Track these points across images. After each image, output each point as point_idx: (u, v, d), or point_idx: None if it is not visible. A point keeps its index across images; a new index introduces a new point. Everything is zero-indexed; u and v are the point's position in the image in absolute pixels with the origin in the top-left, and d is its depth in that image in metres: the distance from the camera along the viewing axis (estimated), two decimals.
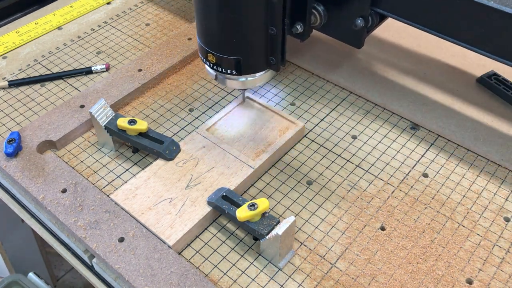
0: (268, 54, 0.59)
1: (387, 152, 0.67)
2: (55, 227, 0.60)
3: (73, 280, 1.39)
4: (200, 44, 0.60)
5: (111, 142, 0.65)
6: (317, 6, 0.64)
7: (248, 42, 0.57)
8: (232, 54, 0.58)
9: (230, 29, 0.56)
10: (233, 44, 0.57)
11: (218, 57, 0.58)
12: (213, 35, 0.57)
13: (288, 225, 0.52)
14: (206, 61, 0.61)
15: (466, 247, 0.57)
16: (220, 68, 0.60)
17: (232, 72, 0.59)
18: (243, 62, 0.58)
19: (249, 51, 0.58)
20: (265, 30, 0.57)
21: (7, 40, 0.83)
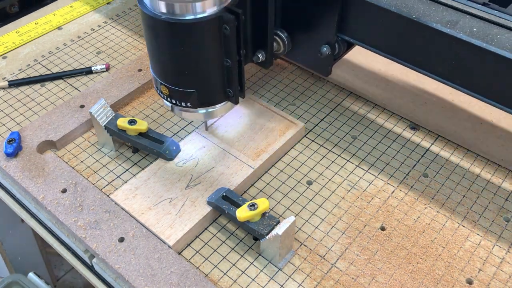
0: (225, 86, 0.57)
1: (387, 152, 0.67)
2: (55, 227, 0.60)
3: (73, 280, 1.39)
4: (153, 75, 0.57)
5: (111, 142, 0.65)
6: (280, 33, 0.62)
7: (202, 75, 0.54)
8: (186, 86, 0.55)
9: (182, 62, 0.53)
10: (186, 76, 0.54)
11: (172, 90, 0.56)
12: (165, 67, 0.54)
13: (288, 225, 0.52)
14: (159, 93, 0.58)
15: (466, 247, 0.57)
16: (174, 100, 0.57)
17: (187, 104, 0.57)
18: (198, 95, 0.56)
19: (203, 83, 0.55)
20: (219, 62, 0.54)
21: (7, 40, 0.83)
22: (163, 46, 0.53)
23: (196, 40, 0.51)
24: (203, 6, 0.50)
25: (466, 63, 0.51)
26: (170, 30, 0.51)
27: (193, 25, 0.50)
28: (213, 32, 0.51)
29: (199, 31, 0.51)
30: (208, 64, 0.54)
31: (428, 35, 0.52)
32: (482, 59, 0.50)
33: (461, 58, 0.51)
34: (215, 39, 0.52)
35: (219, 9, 0.51)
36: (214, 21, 0.51)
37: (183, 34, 0.51)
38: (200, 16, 0.50)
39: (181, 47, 0.52)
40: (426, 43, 0.53)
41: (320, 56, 0.60)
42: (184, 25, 0.50)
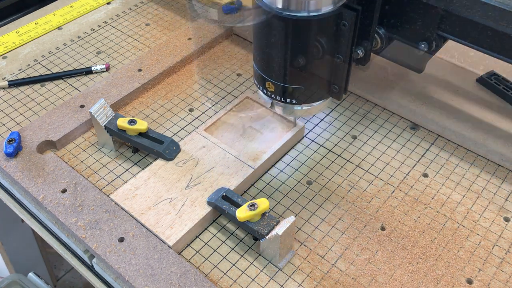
0: (331, 83, 0.57)
1: (387, 152, 0.67)
2: (55, 227, 0.60)
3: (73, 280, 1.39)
4: (257, 71, 0.57)
5: (111, 142, 0.65)
6: (378, 30, 0.61)
7: (313, 71, 0.54)
8: (294, 83, 0.55)
9: (296, 58, 0.53)
10: (296, 73, 0.54)
11: (279, 86, 0.56)
12: (275, 63, 0.54)
13: (288, 225, 0.52)
14: (263, 89, 0.58)
15: (466, 247, 0.57)
16: (279, 97, 0.57)
17: (292, 101, 0.57)
18: (305, 91, 0.56)
19: (312, 80, 0.55)
20: (331, 57, 0.54)
21: (7, 40, 0.83)
22: (279, 43, 0.53)
23: (313, 37, 0.52)
24: (323, 3, 0.50)
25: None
26: (289, 27, 0.51)
27: (314, 21, 0.51)
28: (331, 28, 0.52)
29: (318, 28, 0.51)
30: (321, 60, 0.54)
31: None
32: None
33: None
34: (332, 35, 0.52)
35: (337, 6, 0.51)
36: (333, 17, 0.51)
37: (303, 30, 0.51)
38: (320, 12, 0.51)
39: (299, 44, 0.52)
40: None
41: (418, 52, 0.60)
42: (304, 21, 0.50)
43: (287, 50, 0.53)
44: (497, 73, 0.75)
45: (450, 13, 0.57)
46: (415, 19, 0.59)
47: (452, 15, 0.57)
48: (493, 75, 0.75)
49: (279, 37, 0.52)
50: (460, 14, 0.56)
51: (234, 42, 0.83)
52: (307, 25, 0.51)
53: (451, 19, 0.57)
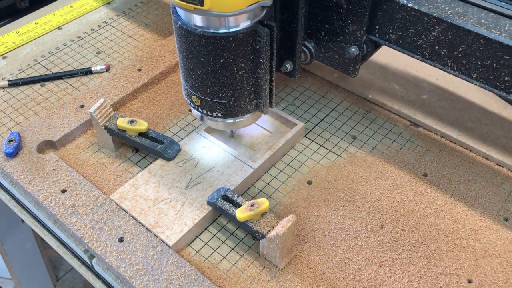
0: (255, 97, 0.57)
1: (387, 152, 0.67)
2: (55, 227, 0.60)
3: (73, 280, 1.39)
4: (184, 85, 0.58)
5: (111, 142, 0.65)
6: (307, 44, 0.62)
7: (234, 86, 0.55)
8: (218, 98, 0.56)
9: (215, 74, 0.54)
10: (218, 88, 0.55)
11: (203, 100, 0.57)
12: (198, 78, 0.55)
13: (288, 225, 0.52)
14: (190, 103, 0.59)
15: (466, 246, 0.57)
16: (205, 110, 0.58)
17: (217, 115, 0.58)
18: (229, 106, 0.57)
19: (234, 94, 0.56)
20: (251, 73, 0.55)
21: (7, 40, 0.83)
22: (197, 58, 0.53)
23: (230, 53, 0.52)
24: (237, 20, 0.51)
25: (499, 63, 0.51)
26: (205, 43, 0.52)
27: (228, 38, 0.51)
28: (247, 45, 0.52)
29: (234, 44, 0.52)
30: (240, 75, 0.54)
31: (459, 35, 0.52)
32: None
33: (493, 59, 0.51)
34: (249, 51, 0.53)
35: (252, 23, 0.52)
36: (248, 34, 0.52)
37: (218, 47, 0.52)
38: (235, 29, 0.51)
39: (215, 60, 0.53)
40: (457, 43, 0.53)
41: (349, 57, 0.61)
42: (219, 39, 0.51)
43: (206, 66, 0.54)
44: None
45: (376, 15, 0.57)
46: (343, 25, 0.59)
47: (378, 18, 0.57)
48: None
49: (197, 53, 0.53)
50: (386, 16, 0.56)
51: None
52: (222, 42, 0.51)
53: (377, 21, 0.58)
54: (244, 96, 0.57)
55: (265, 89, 0.57)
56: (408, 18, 0.55)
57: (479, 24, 0.51)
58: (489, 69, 0.52)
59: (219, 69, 0.53)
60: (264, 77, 0.55)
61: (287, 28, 0.59)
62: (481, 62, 0.53)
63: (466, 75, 0.55)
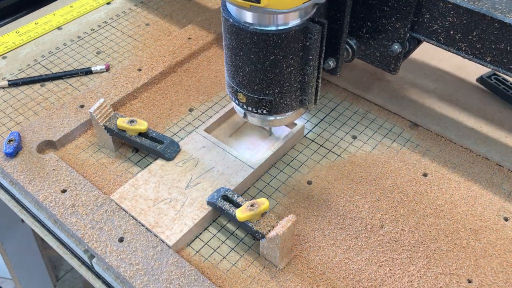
0: (301, 94, 0.58)
1: (387, 152, 0.67)
2: (55, 227, 0.60)
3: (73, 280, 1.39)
4: (229, 83, 0.58)
5: (111, 142, 0.65)
6: (350, 41, 0.63)
7: (282, 83, 0.55)
8: (265, 95, 0.56)
9: (265, 70, 0.54)
10: (266, 84, 0.55)
11: (249, 97, 0.57)
12: (245, 75, 0.55)
13: (288, 225, 0.52)
14: (235, 100, 0.59)
15: (466, 246, 0.57)
16: (250, 107, 0.58)
17: (263, 112, 0.58)
18: (275, 102, 0.57)
19: (281, 91, 0.56)
20: (300, 70, 0.55)
21: (7, 40, 0.83)
22: (247, 56, 0.53)
23: (281, 50, 0.52)
24: (290, 17, 0.51)
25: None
26: (257, 41, 0.52)
27: (280, 35, 0.51)
28: (298, 42, 0.52)
29: (285, 41, 0.52)
30: (289, 72, 0.54)
31: (501, 30, 0.53)
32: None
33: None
34: (299, 48, 0.53)
35: (303, 20, 0.52)
36: (300, 31, 0.52)
37: (270, 44, 0.52)
38: (287, 26, 0.51)
39: (266, 57, 0.52)
40: (498, 38, 0.54)
41: (391, 54, 0.61)
42: (271, 36, 0.51)
43: (255, 63, 0.54)
44: (497, 73, 0.75)
45: (422, 13, 0.58)
46: (386, 22, 0.60)
47: (422, 15, 0.58)
48: (493, 75, 0.75)
49: (247, 50, 0.53)
50: (430, 13, 0.57)
51: None
52: (273, 39, 0.51)
53: (421, 19, 0.58)
54: (290, 93, 0.57)
55: (312, 86, 0.57)
56: (424, 4, 0.56)
57: (494, 9, 0.52)
58: (503, 52, 0.53)
59: (269, 66, 0.53)
60: (312, 74, 0.55)
61: (332, 25, 0.59)
62: (495, 46, 0.54)
63: (480, 59, 0.56)
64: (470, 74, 0.76)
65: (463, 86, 0.75)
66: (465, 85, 0.75)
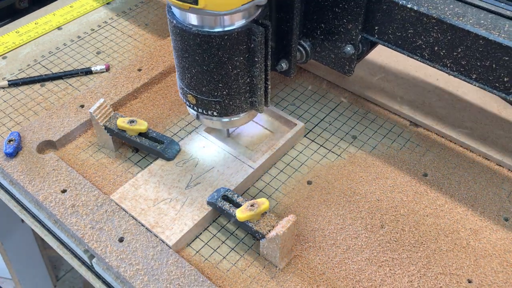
0: (251, 95, 0.57)
1: (387, 152, 0.67)
2: (55, 227, 0.60)
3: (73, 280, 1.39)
4: (179, 84, 0.59)
5: (111, 142, 0.65)
6: (303, 43, 0.63)
7: (229, 85, 0.55)
8: (213, 96, 0.56)
9: (211, 72, 0.54)
10: (213, 86, 0.55)
11: (199, 99, 0.57)
12: (193, 77, 0.55)
13: (288, 225, 0.52)
14: (186, 101, 0.59)
15: (466, 246, 0.57)
16: (200, 109, 0.58)
17: (213, 113, 0.58)
18: (224, 104, 0.57)
19: (229, 93, 0.56)
20: (246, 72, 0.55)
21: (7, 40, 0.83)
22: (193, 57, 0.53)
23: (225, 52, 0.52)
24: (232, 19, 0.51)
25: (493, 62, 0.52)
26: (200, 42, 0.52)
27: (223, 37, 0.51)
28: (242, 44, 0.52)
29: (229, 43, 0.52)
30: (235, 74, 0.54)
31: (455, 34, 0.52)
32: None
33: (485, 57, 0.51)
34: (243, 50, 0.53)
35: (247, 22, 0.52)
36: (243, 33, 0.52)
37: (213, 45, 0.52)
38: (229, 28, 0.51)
39: (210, 58, 0.53)
40: (453, 42, 0.53)
41: (344, 55, 0.61)
42: (214, 37, 0.51)
43: (202, 65, 0.54)
44: None
45: (371, 14, 0.57)
46: (338, 24, 0.59)
47: (373, 17, 0.57)
48: None
49: (192, 52, 0.53)
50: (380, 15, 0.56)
51: None
52: (217, 41, 0.51)
53: (372, 21, 0.58)
54: (239, 95, 0.57)
55: (260, 88, 0.57)
56: (407, 18, 0.55)
57: (478, 25, 0.51)
58: (488, 69, 0.52)
59: (214, 67, 0.53)
60: (259, 76, 0.55)
61: (282, 27, 0.59)
62: (480, 63, 0.53)
63: (466, 76, 0.54)
64: None
65: (463, 86, 0.75)
66: (465, 85, 0.75)
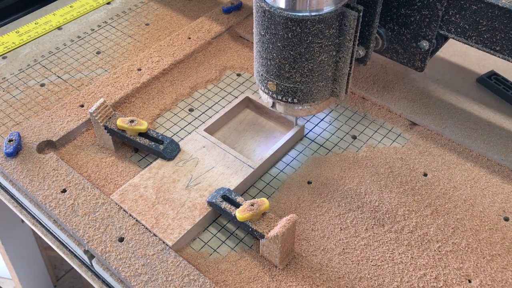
0: (333, 82, 0.57)
1: (387, 152, 0.67)
2: (55, 227, 0.60)
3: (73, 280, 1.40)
4: (258, 71, 0.57)
5: (111, 142, 0.65)
6: (380, 30, 0.62)
7: (314, 71, 0.54)
8: (296, 83, 0.55)
9: (297, 58, 0.53)
10: (298, 73, 0.54)
11: (280, 86, 0.56)
12: (277, 63, 0.54)
13: (288, 225, 0.52)
14: (264, 89, 0.58)
15: (466, 246, 0.57)
16: (280, 96, 0.57)
17: (293, 100, 0.57)
18: (307, 91, 0.56)
19: (313, 79, 0.55)
20: (333, 58, 0.54)
21: (7, 40, 0.83)
22: (280, 42, 0.52)
23: (315, 36, 0.51)
24: (325, 3, 0.50)
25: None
26: (291, 26, 0.51)
27: (315, 20, 0.50)
28: (333, 28, 0.52)
29: (320, 27, 0.51)
30: (322, 59, 0.53)
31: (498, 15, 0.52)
32: None
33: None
34: (334, 35, 0.52)
35: (339, 6, 0.51)
36: (335, 17, 0.51)
37: (304, 29, 0.51)
38: (322, 12, 0.50)
39: (300, 43, 0.52)
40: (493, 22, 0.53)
41: (420, 51, 0.60)
42: (306, 21, 0.50)
43: (288, 50, 0.53)
44: (497, 73, 0.75)
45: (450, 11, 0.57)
46: (416, 18, 0.59)
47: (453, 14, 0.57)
48: (493, 75, 0.75)
49: (280, 37, 0.52)
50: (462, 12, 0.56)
51: (234, 42, 0.83)
52: (308, 24, 0.51)
53: (452, 17, 0.57)
54: (322, 81, 0.56)
55: (344, 74, 0.56)
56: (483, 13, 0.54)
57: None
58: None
59: (302, 53, 0.52)
60: (345, 62, 0.54)
61: (364, 13, 0.58)
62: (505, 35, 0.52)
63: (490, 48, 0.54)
64: (470, 74, 0.76)
65: (463, 86, 0.75)
66: (465, 85, 0.75)
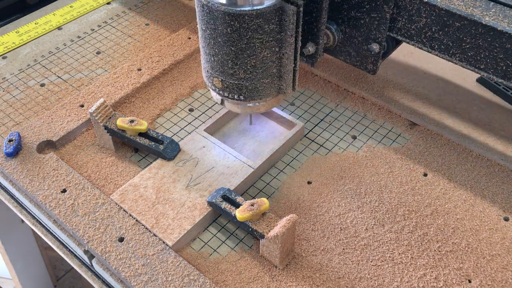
0: (278, 79, 0.56)
1: (387, 152, 0.67)
2: (55, 227, 0.60)
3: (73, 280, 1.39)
4: (205, 67, 0.57)
5: (111, 142, 0.65)
6: (330, 25, 0.61)
7: (258, 67, 0.54)
8: (240, 79, 0.55)
9: (239, 54, 0.53)
10: (241, 69, 0.54)
11: (225, 83, 0.56)
12: (221, 59, 0.54)
13: (288, 225, 0.52)
14: (211, 86, 0.58)
15: (466, 246, 0.57)
16: (226, 93, 0.57)
17: (239, 97, 0.57)
18: (252, 88, 0.56)
19: (257, 76, 0.55)
20: (276, 54, 0.54)
21: (7, 40, 0.83)
22: (221, 38, 0.52)
23: (255, 31, 0.51)
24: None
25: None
26: (230, 21, 0.50)
27: (253, 15, 0.50)
28: (272, 23, 0.51)
29: (259, 22, 0.50)
30: (265, 55, 0.53)
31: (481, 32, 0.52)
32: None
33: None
34: (274, 30, 0.52)
35: (278, 0, 0.51)
36: (274, 12, 0.50)
37: (243, 25, 0.50)
38: (260, 7, 0.50)
39: (240, 38, 0.51)
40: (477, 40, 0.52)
41: (370, 53, 0.60)
42: (244, 16, 0.50)
43: (229, 46, 0.52)
44: None
45: (400, 12, 0.56)
46: (365, 19, 0.59)
47: (402, 15, 0.57)
48: None
49: (220, 32, 0.52)
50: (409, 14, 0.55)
51: None
52: (246, 19, 0.50)
53: (400, 19, 0.57)
54: (267, 78, 0.55)
55: (289, 70, 0.55)
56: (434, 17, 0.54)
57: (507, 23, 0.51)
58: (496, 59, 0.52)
59: (243, 48, 0.52)
60: (288, 58, 0.54)
61: (310, 8, 0.58)
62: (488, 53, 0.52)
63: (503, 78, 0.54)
64: (470, 74, 0.76)
65: (463, 86, 0.75)
66: (465, 85, 0.75)
